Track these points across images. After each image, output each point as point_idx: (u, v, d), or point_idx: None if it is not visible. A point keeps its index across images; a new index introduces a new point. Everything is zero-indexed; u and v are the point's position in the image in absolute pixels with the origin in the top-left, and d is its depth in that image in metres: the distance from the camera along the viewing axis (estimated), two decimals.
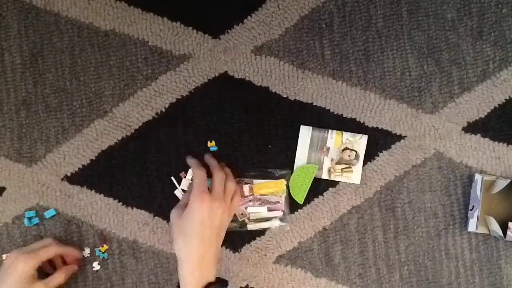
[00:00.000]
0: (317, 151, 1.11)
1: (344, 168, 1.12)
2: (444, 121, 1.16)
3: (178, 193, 1.12)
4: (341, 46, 1.16)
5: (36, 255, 1.00)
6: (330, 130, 1.12)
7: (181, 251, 0.96)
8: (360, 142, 1.12)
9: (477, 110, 1.16)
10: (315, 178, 1.12)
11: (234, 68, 1.15)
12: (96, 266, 1.12)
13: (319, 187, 1.14)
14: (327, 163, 1.11)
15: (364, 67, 1.16)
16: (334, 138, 1.11)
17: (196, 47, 1.15)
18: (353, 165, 1.12)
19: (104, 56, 1.15)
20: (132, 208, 1.14)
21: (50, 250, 1.03)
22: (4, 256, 1.12)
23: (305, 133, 1.11)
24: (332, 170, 1.11)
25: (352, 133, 1.12)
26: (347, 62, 1.16)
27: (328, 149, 1.11)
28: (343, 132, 1.12)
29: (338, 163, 1.11)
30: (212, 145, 1.12)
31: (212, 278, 0.97)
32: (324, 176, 1.12)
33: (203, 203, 0.96)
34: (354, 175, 1.12)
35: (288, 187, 1.11)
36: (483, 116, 1.16)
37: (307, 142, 1.11)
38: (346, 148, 1.11)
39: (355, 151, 1.11)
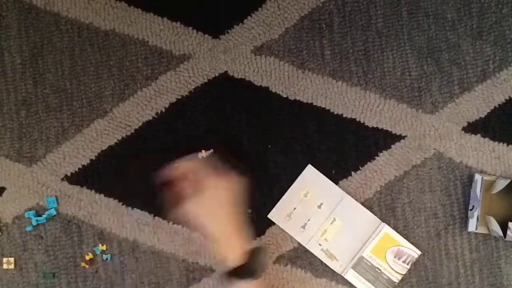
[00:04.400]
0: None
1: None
2: (444, 121, 1.16)
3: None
4: (341, 46, 1.16)
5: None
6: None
7: (214, 229, 0.95)
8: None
9: (477, 110, 1.16)
10: None
11: (234, 68, 1.15)
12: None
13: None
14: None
15: (364, 67, 1.16)
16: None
17: (196, 47, 1.15)
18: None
19: (104, 56, 1.15)
20: (132, 208, 1.14)
21: None
22: (4, 259, 1.12)
23: (310, 175, 1.10)
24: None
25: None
26: (347, 62, 1.16)
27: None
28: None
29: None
30: None
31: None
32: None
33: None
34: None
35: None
36: (483, 116, 1.16)
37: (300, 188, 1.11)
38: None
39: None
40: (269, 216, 1.12)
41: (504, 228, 1.07)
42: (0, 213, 1.13)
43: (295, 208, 1.11)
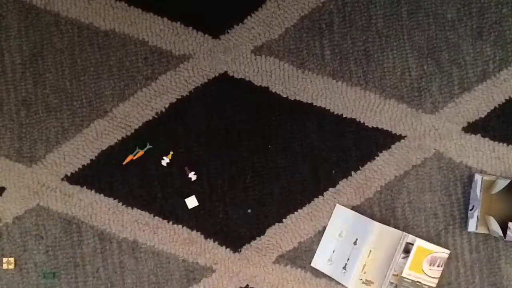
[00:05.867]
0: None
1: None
2: (444, 121, 1.16)
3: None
4: (341, 46, 1.16)
5: None
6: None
7: None
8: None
9: (477, 110, 1.16)
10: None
11: (234, 68, 1.15)
12: None
13: (318, 186, 1.14)
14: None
15: (364, 67, 1.16)
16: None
17: (196, 47, 1.15)
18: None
19: (104, 56, 1.15)
20: (132, 208, 1.14)
21: None
22: (4, 259, 1.12)
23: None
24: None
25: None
26: (347, 62, 1.16)
27: None
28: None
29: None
30: None
31: None
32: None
33: None
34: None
35: None
36: (483, 116, 1.16)
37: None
38: None
39: None
40: (312, 264, 1.12)
41: (504, 228, 1.07)
42: (0, 213, 1.13)
43: (334, 251, 1.12)
